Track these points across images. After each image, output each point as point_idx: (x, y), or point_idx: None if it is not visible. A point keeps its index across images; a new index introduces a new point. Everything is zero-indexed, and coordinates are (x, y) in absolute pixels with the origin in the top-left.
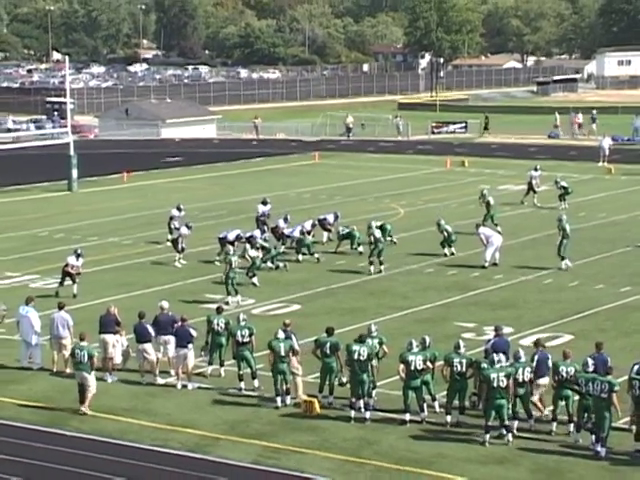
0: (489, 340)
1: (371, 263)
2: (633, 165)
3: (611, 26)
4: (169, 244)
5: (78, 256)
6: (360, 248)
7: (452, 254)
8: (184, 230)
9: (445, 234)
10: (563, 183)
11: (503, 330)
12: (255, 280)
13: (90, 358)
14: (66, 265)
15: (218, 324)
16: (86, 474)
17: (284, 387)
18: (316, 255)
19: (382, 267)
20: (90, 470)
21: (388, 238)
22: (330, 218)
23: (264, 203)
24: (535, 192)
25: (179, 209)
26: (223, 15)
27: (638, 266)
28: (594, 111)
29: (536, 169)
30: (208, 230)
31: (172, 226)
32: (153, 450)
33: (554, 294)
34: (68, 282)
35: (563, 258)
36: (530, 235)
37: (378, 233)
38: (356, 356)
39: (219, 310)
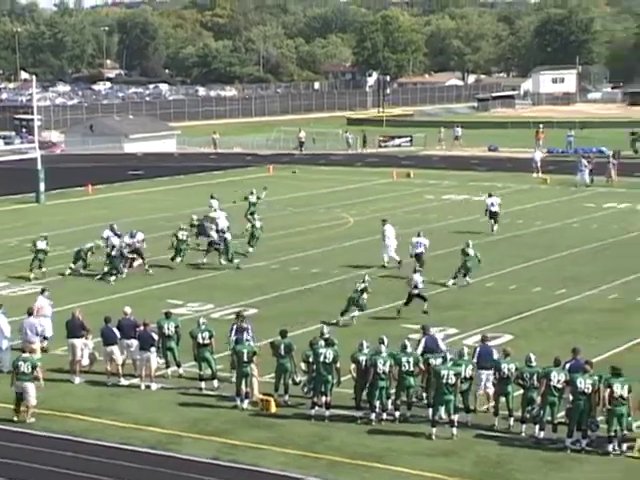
0: (419, 340)
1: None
2: (567, 176)
3: (546, 46)
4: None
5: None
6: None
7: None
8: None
9: (252, 230)
10: None
11: (431, 330)
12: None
13: (33, 369)
14: None
15: (168, 328)
16: (54, 472)
17: (245, 390)
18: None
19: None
20: (58, 468)
21: None
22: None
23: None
24: None
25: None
26: (182, 36)
27: (572, 270)
28: (570, 132)
29: None
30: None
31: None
32: (118, 448)
33: (496, 296)
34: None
35: (465, 275)
36: (473, 242)
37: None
38: (322, 358)
39: (168, 315)
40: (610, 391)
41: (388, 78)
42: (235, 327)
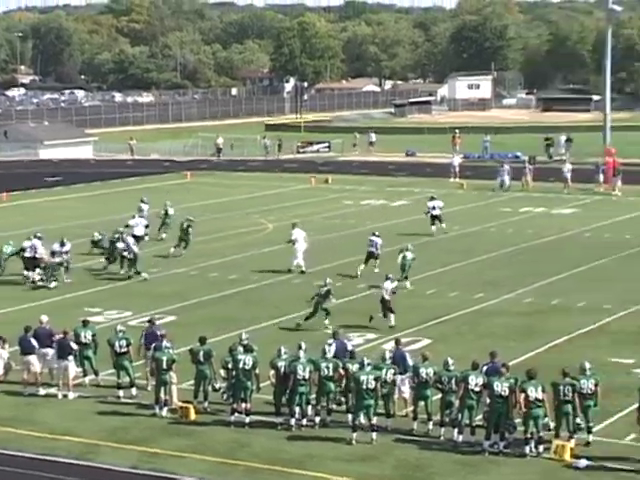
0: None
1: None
2: (483, 181)
3: (461, 53)
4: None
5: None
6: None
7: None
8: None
9: (183, 234)
10: None
11: (340, 335)
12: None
13: None
14: None
15: (85, 336)
16: None
17: (164, 397)
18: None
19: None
20: None
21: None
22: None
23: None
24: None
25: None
26: (98, 42)
27: (490, 274)
28: (486, 137)
29: None
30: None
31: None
32: (36, 458)
33: (415, 300)
34: None
35: (406, 278)
36: (393, 246)
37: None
38: (241, 364)
39: (85, 323)
40: (525, 395)
41: (305, 84)
42: (145, 334)
